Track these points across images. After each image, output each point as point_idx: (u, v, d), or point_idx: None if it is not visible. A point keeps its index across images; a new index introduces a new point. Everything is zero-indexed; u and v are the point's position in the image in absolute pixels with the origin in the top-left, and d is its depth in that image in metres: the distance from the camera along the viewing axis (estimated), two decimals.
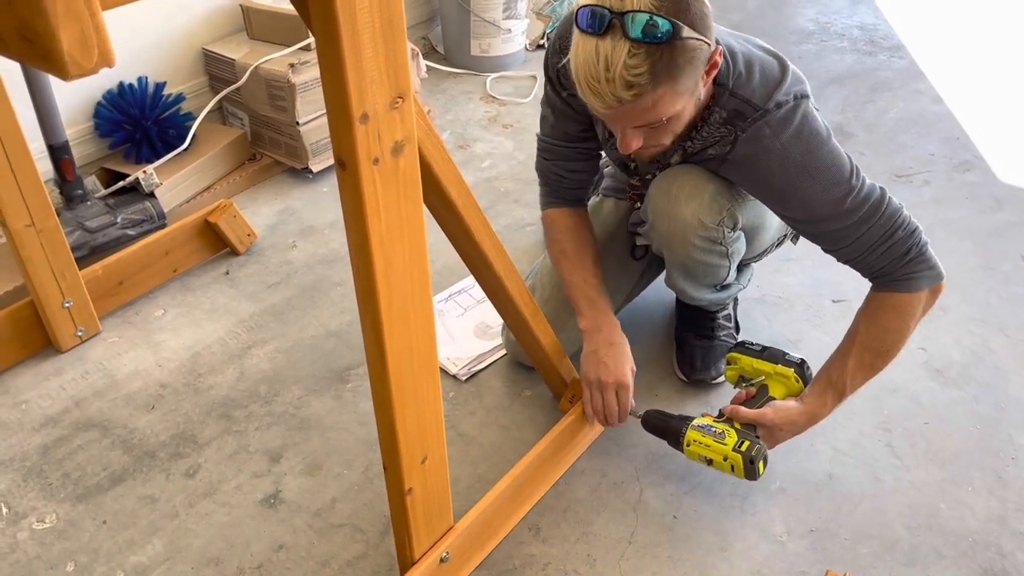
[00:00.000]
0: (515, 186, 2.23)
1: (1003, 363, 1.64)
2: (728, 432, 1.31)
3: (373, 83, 0.76)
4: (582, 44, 1.07)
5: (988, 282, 1.84)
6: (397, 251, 0.87)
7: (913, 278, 1.25)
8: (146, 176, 1.96)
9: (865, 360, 1.30)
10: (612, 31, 1.04)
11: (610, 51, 1.04)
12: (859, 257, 1.26)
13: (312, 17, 0.73)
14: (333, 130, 0.79)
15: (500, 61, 2.79)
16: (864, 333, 1.30)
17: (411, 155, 0.84)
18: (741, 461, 1.27)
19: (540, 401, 1.59)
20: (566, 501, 1.41)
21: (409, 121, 0.82)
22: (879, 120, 2.48)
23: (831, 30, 3.07)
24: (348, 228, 0.85)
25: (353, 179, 0.80)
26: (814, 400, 1.32)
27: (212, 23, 2.28)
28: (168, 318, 1.80)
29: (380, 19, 0.74)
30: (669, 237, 1.40)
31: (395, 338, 0.92)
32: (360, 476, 1.45)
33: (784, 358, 1.40)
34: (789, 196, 1.25)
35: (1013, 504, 1.38)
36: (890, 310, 1.28)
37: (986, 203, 2.11)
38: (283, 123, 2.17)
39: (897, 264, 1.24)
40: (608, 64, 1.05)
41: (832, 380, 1.32)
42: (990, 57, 2.84)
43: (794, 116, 1.21)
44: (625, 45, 1.04)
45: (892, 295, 1.27)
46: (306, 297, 1.85)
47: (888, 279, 1.27)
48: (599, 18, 1.04)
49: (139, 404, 1.60)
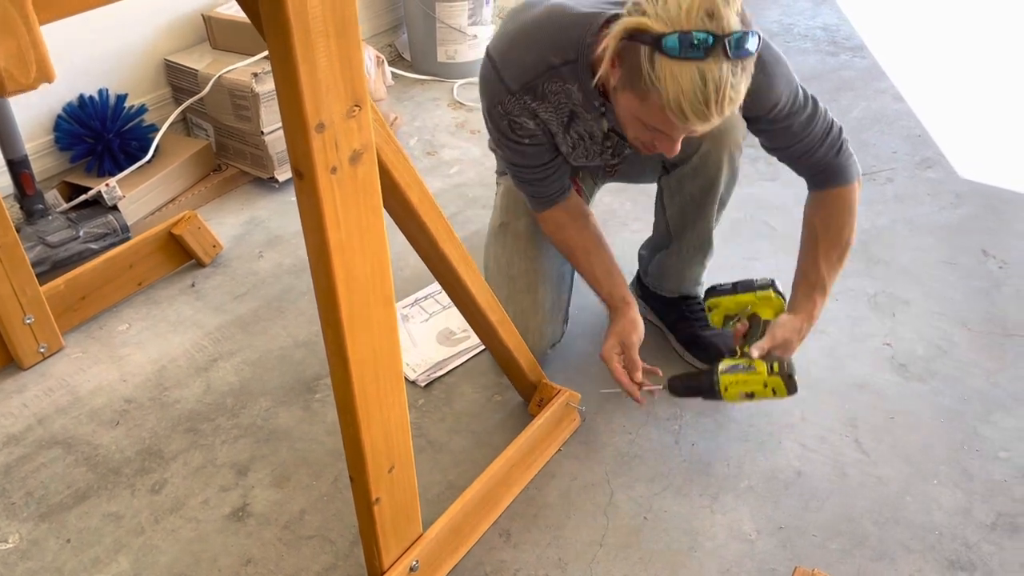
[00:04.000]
0: (484, 192, 2.23)
1: (965, 356, 1.66)
2: (755, 363, 1.36)
3: (328, 92, 0.76)
4: (681, 71, 1.06)
5: (950, 277, 1.87)
6: (357, 260, 0.87)
7: (848, 168, 1.38)
8: (108, 189, 1.94)
9: (833, 256, 1.40)
10: (715, 54, 1.05)
11: (717, 73, 1.06)
12: (809, 151, 1.36)
13: (265, 27, 0.72)
14: (289, 140, 0.79)
15: (467, 67, 2.79)
16: (823, 233, 1.40)
17: (369, 163, 0.84)
18: (781, 382, 1.34)
19: (510, 406, 1.58)
20: (536, 506, 1.40)
21: (367, 129, 0.82)
22: (843, 119, 2.46)
23: (795, 31, 3.10)
24: (307, 238, 0.85)
25: (311, 189, 0.80)
26: (805, 304, 1.41)
27: (174, 33, 2.26)
28: (132, 332, 1.78)
29: (334, 28, 0.73)
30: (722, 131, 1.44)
31: (358, 347, 0.92)
32: (329, 487, 1.44)
33: (756, 284, 1.48)
34: (761, 96, 1.27)
35: (978, 496, 1.39)
36: (840, 204, 1.39)
37: (947, 199, 2.14)
38: (248, 133, 2.15)
39: (836, 158, 1.37)
40: (718, 86, 1.07)
41: (812, 282, 1.41)
42: (949, 56, 2.88)
43: None
44: (728, 65, 1.06)
45: (836, 190, 1.39)
46: (273, 308, 1.84)
47: (829, 172, 1.38)
48: (701, 43, 1.05)
49: (103, 420, 1.57)
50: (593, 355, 1.49)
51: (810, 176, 1.41)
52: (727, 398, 1.37)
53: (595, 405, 1.55)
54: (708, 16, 1.05)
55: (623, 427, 1.45)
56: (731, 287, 1.49)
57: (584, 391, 1.54)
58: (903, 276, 1.87)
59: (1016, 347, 1.68)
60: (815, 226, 1.40)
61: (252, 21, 0.76)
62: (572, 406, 1.49)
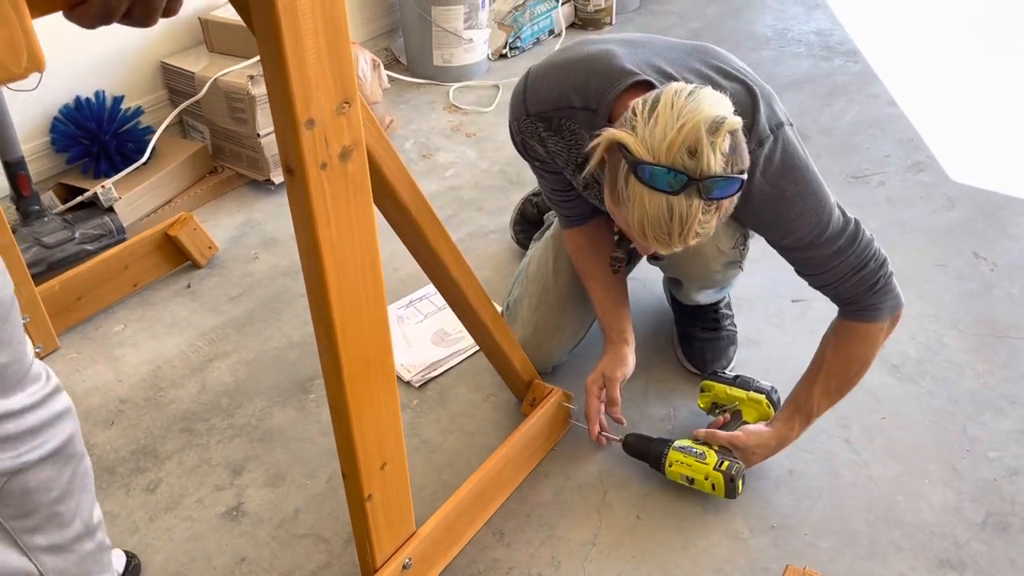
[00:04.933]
0: (478, 194, 2.24)
1: (956, 357, 1.67)
2: (708, 453, 1.36)
3: (318, 89, 0.77)
4: (649, 198, 1.07)
5: (941, 279, 1.88)
6: (348, 256, 0.87)
7: (879, 308, 1.31)
8: (104, 191, 1.95)
9: (831, 387, 1.36)
10: (687, 192, 1.06)
11: (684, 211, 1.07)
12: (833, 284, 1.31)
13: (254, 24, 0.73)
14: (280, 136, 0.79)
15: (463, 71, 2.80)
16: (831, 361, 1.35)
17: (360, 160, 0.84)
18: (722, 480, 1.33)
19: (505, 406, 1.59)
20: (530, 505, 1.41)
21: (357, 126, 0.82)
22: (836, 123, 2.53)
23: (788, 36, 3.12)
24: (298, 234, 0.86)
25: (301, 185, 0.81)
26: (783, 424, 1.38)
27: (170, 36, 2.26)
28: (128, 333, 1.78)
29: (323, 25, 0.74)
30: (691, 270, 1.47)
31: (349, 343, 0.92)
32: (323, 486, 1.45)
33: (755, 385, 1.46)
34: (777, 226, 1.28)
35: (968, 495, 1.40)
36: (856, 340, 1.34)
37: (939, 202, 2.15)
38: (244, 135, 2.16)
39: (866, 294, 1.30)
40: (683, 221, 1.08)
41: (800, 405, 1.37)
42: (941, 61, 2.90)
43: (776, 151, 1.22)
44: (700, 204, 1.07)
45: (859, 325, 1.33)
46: (268, 308, 1.84)
47: (856, 307, 1.32)
48: (674, 180, 1.05)
49: (98, 420, 1.58)
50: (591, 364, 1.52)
51: (838, 305, 1.35)
52: (668, 474, 1.38)
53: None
54: (689, 154, 1.04)
55: (617, 427, 1.46)
56: (731, 378, 1.48)
57: (578, 392, 1.55)
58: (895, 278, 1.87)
59: (1006, 348, 1.69)
60: (825, 352, 1.36)
61: (243, 19, 0.77)
62: (565, 405, 1.50)
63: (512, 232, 2.00)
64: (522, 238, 1.97)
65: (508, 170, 2.34)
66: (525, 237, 1.96)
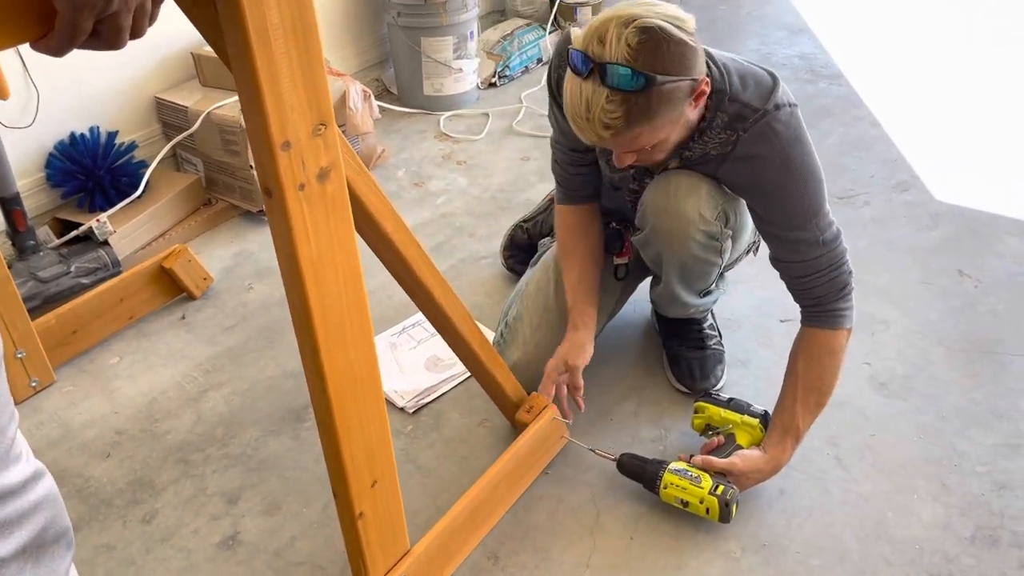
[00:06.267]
0: (470, 221, 2.27)
1: (943, 374, 1.69)
2: (703, 476, 1.37)
3: (293, 111, 0.79)
4: (570, 83, 1.19)
5: (927, 296, 1.91)
6: (330, 275, 0.89)
7: (843, 314, 1.38)
8: (99, 224, 1.97)
9: (811, 402, 1.40)
10: (593, 77, 1.15)
11: (590, 94, 1.16)
12: (810, 276, 1.36)
13: (228, 49, 0.75)
14: (257, 159, 0.81)
15: (453, 100, 2.84)
16: (805, 376, 1.40)
17: (338, 180, 0.86)
18: (717, 504, 1.35)
19: (498, 430, 1.61)
20: (524, 528, 1.42)
21: (333, 147, 0.84)
22: (821, 145, 2.53)
23: (773, 60, 3.17)
24: (279, 254, 0.87)
25: (280, 206, 0.82)
26: (775, 448, 1.41)
27: (164, 72, 2.30)
28: (124, 365, 1.80)
29: (296, 49, 0.76)
30: (671, 233, 1.45)
31: (334, 361, 0.94)
32: (319, 514, 1.46)
33: (749, 409, 1.48)
34: (778, 196, 1.34)
35: (957, 510, 1.42)
36: (825, 350, 1.39)
37: (924, 221, 2.18)
38: (237, 167, 2.19)
39: (836, 295, 1.36)
40: (589, 106, 1.17)
41: (787, 426, 1.40)
42: (923, 83, 2.95)
43: (792, 121, 1.30)
44: (603, 91, 1.15)
45: (823, 333, 1.39)
46: (263, 338, 1.86)
47: (822, 310, 1.38)
48: (584, 63, 1.15)
49: (95, 452, 1.59)
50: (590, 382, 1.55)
51: (804, 306, 1.41)
52: (663, 496, 1.40)
53: (581, 429, 1.57)
54: (599, 41, 1.15)
55: (609, 449, 1.47)
56: (725, 401, 1.50)
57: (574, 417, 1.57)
58: (881, 297, 1.91)
59: (992, 364, 1.71)
60: (797, 367, 1.41)
61: (214, 48, 0.78)
62: (558, 420, 1.51)
63: (502, 258, 2.03)
64: (512, 263, 2.00)
65: (499, 197, 2.37)
66: (515, 263, 1.99)
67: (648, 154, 1.29)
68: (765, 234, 1.41)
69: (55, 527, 0.77)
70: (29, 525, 0.74)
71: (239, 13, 0.71)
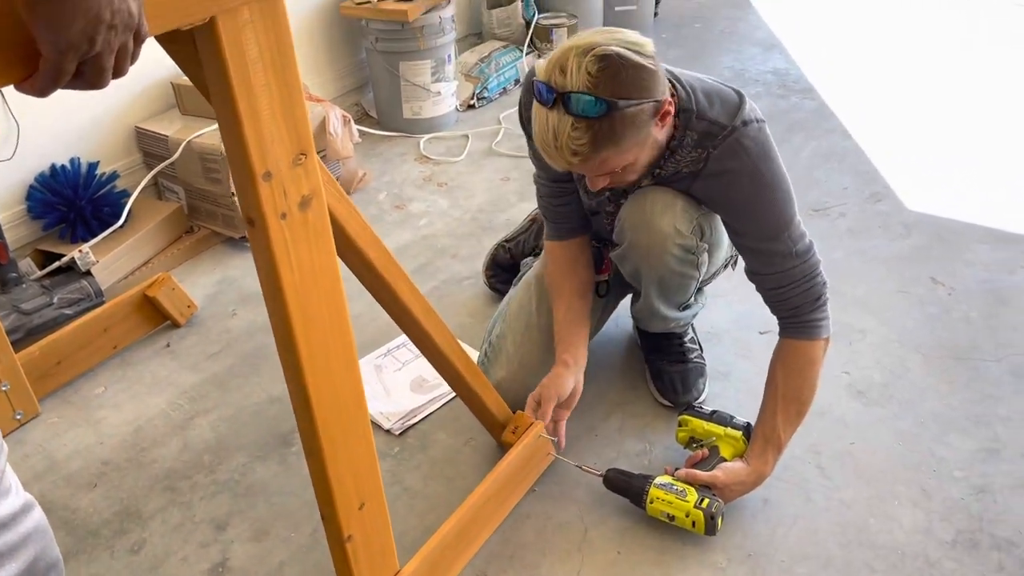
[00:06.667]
0: (452, 242, 2.29)
1: (920, 380, 1.72)
2: (688, 490, 1.39)
3: (274, 143, 0.80)
4: (537, 113, 1.23)
5: (902, 304, 1.94)
6: (313, 301, 0.90)
7: (819, 325, 1.41)
8: (82, 255, 1.97)
9: (791, 412, 1.43)
10: (557, 106, 1.19)
11: (556, 123, 1.20)
12: (786, 287, 1.38)
13: (208, 84, 0.77)
14: (239, 189, 0.83)
15: (432, 122, 2.87)
16: (784, 387, 1.42)
17: (319, 208, 0.88)
18: (703, 517, 1.36)
19: (485, 449, 1.62)
20: (512, 546, 1.43)
21: (314, 176, 0.86)
22: (795, 158, 2.61)
23: (747, 76, 3.23)
24: (262, 282, 0.88)
25: (262, 235, 0.84)
26: (757, 460, 1.43)
27: (144, 101, 2.32)
28: (109, 395, 1.80)
29: (276, 82, 0.78)
30: (648, 249, 1.47)
31: (319, 386, 0.95)
32: (308, 538, 1.46)
33: (732, 422, 1.50)
34: (750, 209, 1.37)
35: (937, 514, 1.44)
36: (804, 361, 1.42)
37: (897, 230, 2.22)
38: (218, 195, 2.20)
39: (811, 306, 1.39)
40: (556, 134, 1.21)
41: (769, 438, 1.42)
42: (892, 96, 3.02)
43: (760, 136, 1.34)
44: (568, 119, 1.19)
45: (801, 344, 1.42)
46: (248, 364, 1.87)
47: (798, 321, 1.40)
48: (548, 93, 1.19)
49: (81, 483, 1.59)
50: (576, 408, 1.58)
51: (781, 318, 1.43)
52: (649, 511, 1.42)
53: (567, 445, 1.59)
54: (560, 71, 1.18)
55: (594, 464, 1.49)
56: (708, 413, 1.52)
57: None
58: (858, 307, 1.94)
59: (967, 370, 1.74)
60: (777, 379, 1.43)
61: (195, 83, 0.80)
62: (545, 437, 1.52)
63: (484, 278, 2.05)
64: (495, 283, 2.02)
65: (480, 217, 2.39)
66: (498, 282, 2.01)
67: (620, 176, 1.32)
68: (740, 247, 1.44)
69: (45, 559, 0.78)
70: (20, 557, 0.75)
71: (218, 49, 0.73)
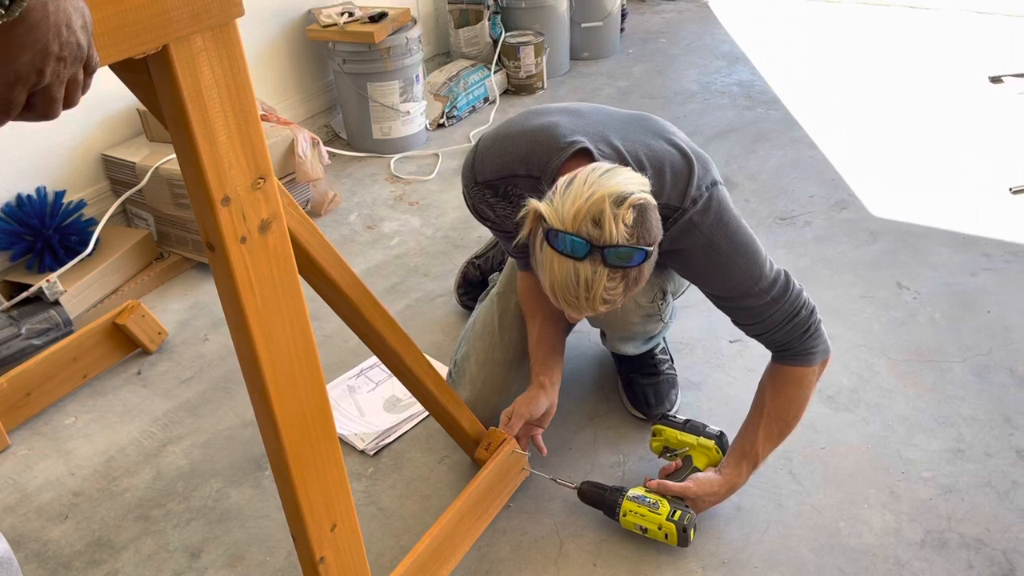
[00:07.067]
0: (424, 260, 2.30)
1: (887, 384, 1.75)
2: (661, 502, 1.40)
3: (231, 168, 0.81)
4: (558, 263, 1.17)
5: (869, 310, 1.97)
6: (276, 323, 0.91)
7: (812, 353, 1.40)
8: (49, 285, 1.96)
9: (773, 430, 1.43)
10: (592, 258, 1.15)
11: (590, 276, 1.16)
12: (768, 333, 1.39)
13: (164, 111, 0.77)
14: (198, 214, 0.83)
15: (402, 142, 2.89)
16: (770, 406, 1.43)
17: (280, 231, 0.88)
18: (675, 530, 1.37)
19: (459, 467, 1.62)
20: (489, 562, 1.43)
21: (274, 199, 0.86)
22: (761, 168, 2.65)
23: (712, 88, 3.27)
24: (224, 307, 0.89)
25: (223, 259, 0.84)
26: (731, 471, 1.44)
27: (109, 128, 2.31)
28: (79, 425, 1.78)
29: (232, 108, 0.79)
30: (611, 323, 1.54)
31: (285, 408, 0.95)
32: (284, 561, 1.46)
33: (705, 431, 1.51)
34: (712, 278, 1.37)
35: (906, 516, 1.46)
36: (793, 384, 1.42)
37: (863, 237, 2.26)
38: (188, 220, 2.20)
39: (799, 340, 1.38)
40: (588, 286, 1.16)
41: (746, 451, 1.44)
42: (854, 105, 3.07)
43: (710, 206, 1.32)
44: (604, 271, 1.15)
45: (793, 369, 1.41)
46: (220, 389, 1.86)
47: (790, 352, 1.41)
48: (579, 247, 1.15)
49: (52, 515, 1.57)
50: None
51: (773, 352, 1.43)
52: (623, 523, 1.43)
53: (541, 459, 1.60)
54: (594, 223, 1.14)
55: (568, 478, 1.50)
56: (682, 423, 1.53)
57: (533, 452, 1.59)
58: (826, 312, 1.96)
59: (933, 372, 1.77)
60: (764, 397, 1.44)
61: (151, 110, 0.80)
62: (519, 452, 1.53)
63: (456, 295, 2.06)
64: (466, 300, 2.03)
65: (452, 235, 2.40)
66: (469, 299, 2.01)
67: None
68: (716, 306, 1.44)
69: None
70: None
71: (172, 77, 0.74)
